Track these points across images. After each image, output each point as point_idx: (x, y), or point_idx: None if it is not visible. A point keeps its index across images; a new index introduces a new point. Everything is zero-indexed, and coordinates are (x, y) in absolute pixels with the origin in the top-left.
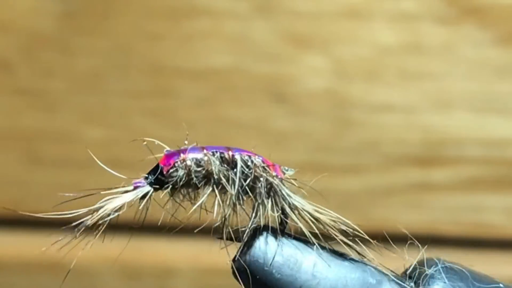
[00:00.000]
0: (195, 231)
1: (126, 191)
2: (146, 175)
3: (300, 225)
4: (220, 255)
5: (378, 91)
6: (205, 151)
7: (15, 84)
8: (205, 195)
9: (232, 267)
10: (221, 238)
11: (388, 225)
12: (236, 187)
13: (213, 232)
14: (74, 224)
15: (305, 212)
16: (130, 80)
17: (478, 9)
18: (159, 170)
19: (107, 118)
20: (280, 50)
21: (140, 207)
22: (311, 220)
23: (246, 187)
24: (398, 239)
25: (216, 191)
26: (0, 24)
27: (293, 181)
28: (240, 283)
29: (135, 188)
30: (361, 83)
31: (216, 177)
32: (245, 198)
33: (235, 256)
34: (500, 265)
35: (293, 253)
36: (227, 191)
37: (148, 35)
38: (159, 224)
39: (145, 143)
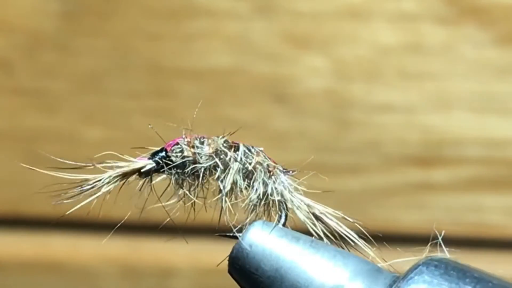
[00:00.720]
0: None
1: (133, 170)
2: (151, 155)
3: (299, 215)
4: (220, 255)
5: (378, 91)
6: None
7: (15, 84)
8: (207, 163)
9: (228, 262)
10: (221, 235)
11: (388, 225)
12: (238, 162)
13: (212, 228)
14: (80, 182)
15: (303, 203)
16: (130, 80)
17: (478, 9)
18: (163, 148)
19: (107, 118)
20: (280, 50)
21: (141, 183)
22: (310, 213)
23: (248, 165)
24: (399, 240)
25: (219, 162)
26: (0, 24)
27: (292, 177)
28: (235, 275)
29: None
30: (361, 83)
31: (219, 151)
32: (244, 184)
33: (232, 251)
34: (500, 265)
35: (291, 232)
36: (228, 171)
37: (148, 35)
38: (159, 221)
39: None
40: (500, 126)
